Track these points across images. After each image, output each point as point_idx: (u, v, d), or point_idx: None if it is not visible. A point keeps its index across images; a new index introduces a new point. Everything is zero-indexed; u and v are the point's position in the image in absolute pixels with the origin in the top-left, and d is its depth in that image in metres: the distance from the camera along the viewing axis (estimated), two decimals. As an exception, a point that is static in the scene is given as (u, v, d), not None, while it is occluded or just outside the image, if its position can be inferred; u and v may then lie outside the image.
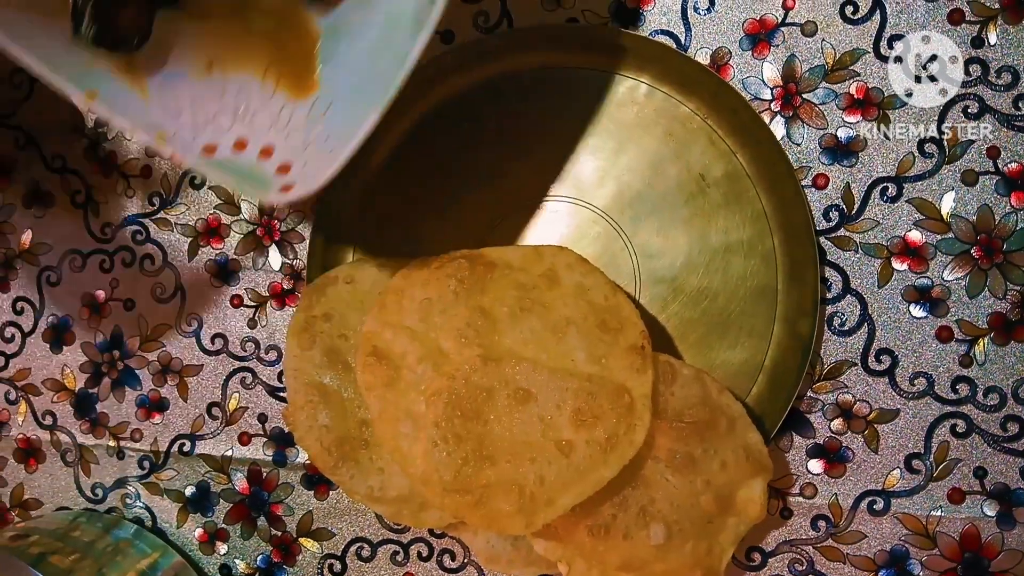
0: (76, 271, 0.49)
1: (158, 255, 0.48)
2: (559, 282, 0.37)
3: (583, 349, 0.36)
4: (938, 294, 0.39)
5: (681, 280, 0.41)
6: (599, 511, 0.35)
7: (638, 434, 0.34)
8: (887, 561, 0.39)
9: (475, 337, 0.36)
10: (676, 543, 0.35)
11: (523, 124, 0.43)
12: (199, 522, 0.47)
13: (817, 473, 0.40)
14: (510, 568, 0.39)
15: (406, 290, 0.37)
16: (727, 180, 0.40)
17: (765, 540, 0.41)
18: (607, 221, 0.42)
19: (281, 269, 0.46)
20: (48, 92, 0.50)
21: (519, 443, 0.35)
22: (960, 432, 0.39)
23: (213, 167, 0.35)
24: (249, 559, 0.47)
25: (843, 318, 0.40)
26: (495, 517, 0.35)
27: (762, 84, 0.41)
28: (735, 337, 0.40)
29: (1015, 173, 0.38)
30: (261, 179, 0.35)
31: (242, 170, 0.35)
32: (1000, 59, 0.39)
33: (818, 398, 0.40)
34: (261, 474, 0.46)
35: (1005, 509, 0.38)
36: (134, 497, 0.48)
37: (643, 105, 0.41)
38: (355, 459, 0.39)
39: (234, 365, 0.47)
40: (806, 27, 0.40)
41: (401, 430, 0.36)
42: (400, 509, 0.39)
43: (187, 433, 0.47)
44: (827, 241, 0.40)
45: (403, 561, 0.45)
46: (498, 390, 0.36)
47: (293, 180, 0.34)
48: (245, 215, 0.47)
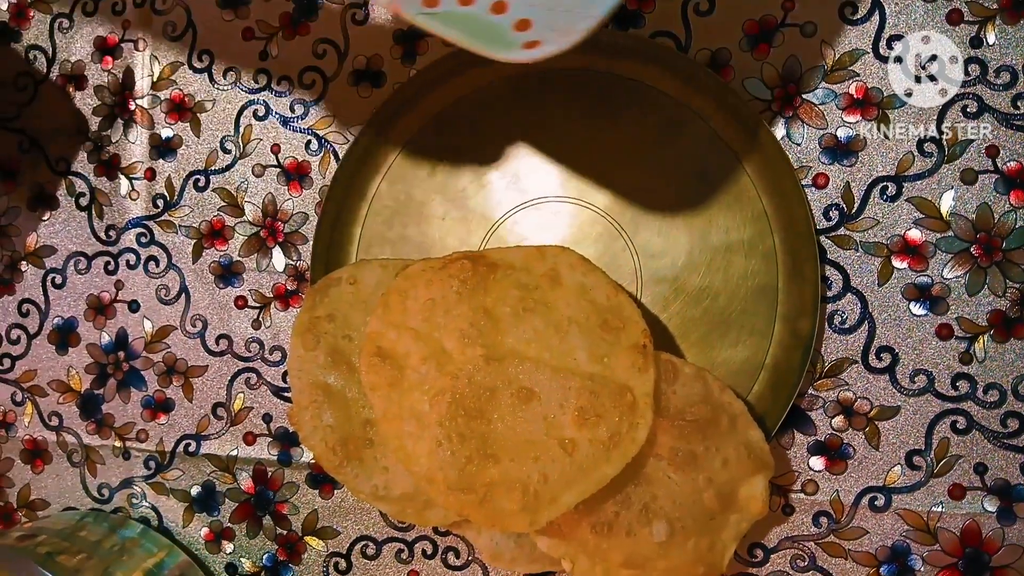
0: (81, 273, 0.50)
1: (163, 257, 0.48)
2: (561, 282, 0.37)
3: (585, 348, 0.36)
4: (938, 292, 0.39)
5: (682, 279, 0.41)
6: (602, 509, 0.36)
7: (640, 432, 0.35)
8: (888, 557, 0.40)
9: (478, 337, 0.36)
10: (678, 540, 0.35)
11: (525, 126, 0.43)
12: (205, 521, 0.48)
13: (818, 470, 0.40)
14: (514, 565, 0.39)
15: (409, 291, 0.38)
16: (728, 180, 0.41)
17: (767, 536, 0.41)
18: (608, 221, 0.42)
19: (285, 270, 0.47)
20: (52, 96, 0.50)
21: (522, 442, 0.35)
22: (960, 429, 0.39)
23: (434, 20, 0.31)
24: (255, 558, 0.47)
25: (843, 316, 0.40)
26: (499, 515, 0.35)
27: (762, 85, 0.41)
28: (736, 336, 0.40)
29: (1014, 172, 0.39)
30: (498, 34, 0.31)
31: (472, 24, 0.32)
32: (998, 59, 0.39)
33: (819, 396, 0.40)
34: (266, 473, 0.47)
35: (1006, 505, 0.39)
36: (140, 497, 0.49)
37: (643, 106, 0.42)
38: (360, 458, 0.39)
39: (239, 366, 0.47)
40: (806, 28, 0.41)
41: (405, 429, 0.36)
42: (404, 507, 0.39)
43: (192, 433, 0.48)
44: (827, 240, 0.41)
45: (408, 559, 0.45)
46: (501, 389, 0.36)
47: (537, 37, 0.31)
48: (249, 217, 0.47)
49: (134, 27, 0.48)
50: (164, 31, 0.48)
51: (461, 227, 0.43)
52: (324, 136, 0.46)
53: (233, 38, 0.47)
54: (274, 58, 0.47)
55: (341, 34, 0.46)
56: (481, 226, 0.43)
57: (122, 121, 0.49)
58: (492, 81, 0.43)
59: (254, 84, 0.47)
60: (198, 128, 0.48)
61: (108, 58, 0.49)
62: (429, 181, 0.44)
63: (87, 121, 0.50)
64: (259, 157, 0.47)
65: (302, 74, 0.46)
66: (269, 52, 0.47)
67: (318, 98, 0.46)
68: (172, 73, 0.48)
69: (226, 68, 0.47)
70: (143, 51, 0.49)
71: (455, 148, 0.44)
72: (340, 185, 0.44)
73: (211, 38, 0.48)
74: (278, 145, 0.47)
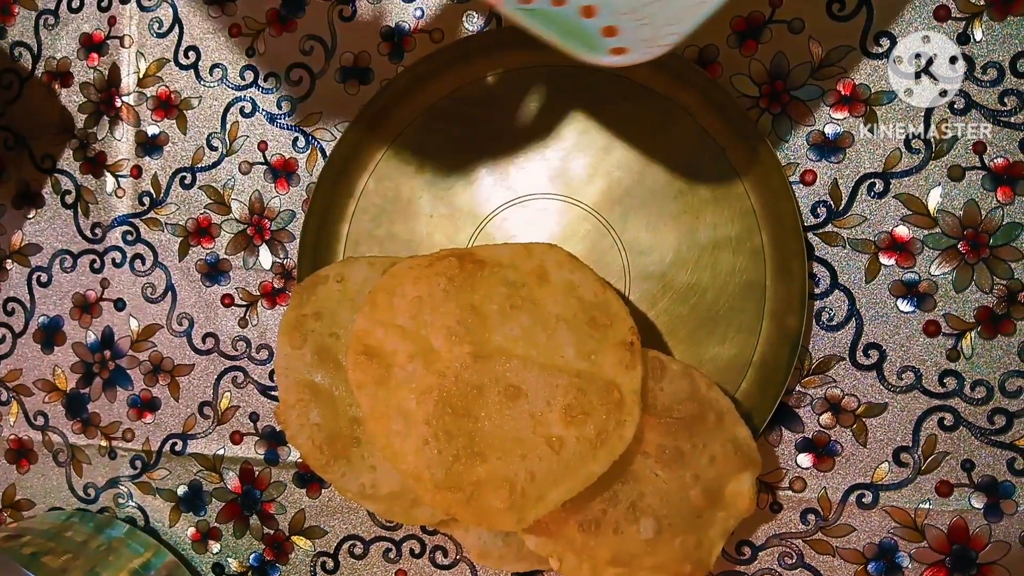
0: (67, 271, 0.49)
1: (149, 255, 0.48)
2: (548, 279, 0.37)
3: (573, 345, 0.36)
4: (925, 289, 0.39)
5: (670, 276, 0.41)
6: (589, 506, 0.36)
7: (628, 430, 0.35)
8: (876, 554, 0.40)
9: (465, 335, 0.36)
10: (666, 537, 0.35)
11: (513, 123, 0.43)
12: (191, 521, 0.47)
13: (806, 467, 0.40)
14: (502, 564, 0.39)
15: (396, 288, 0.38)
16: (715, 177, 0.41)
17: (755, 534, 0.41)
18: (596, 218, 0.42)
19: (272, 268, 0.46)
20: (37, 93, 0.50)
21: (510, 440, 0.35)
22: (948, 425, 0.39)
23: (530, 16, 0.32)
24: (242, 557, 0.47)
25: (831, 313, 0.40)
26: (486, 513, 0.35)
27: (750, 81, 0.41)
28: (724, 333, 0.40)
29: (1001, 168, 0.39)
30: (586, 38, 0.32)
31: (563, 24, 0.32)
32: (985, 55, 0.39)
33: (807, 393, 0.40)
34: (253, 473, 0.46)
35: (992, 501, 0.39)
36: (126, 497, 0.48)
37: (632, 103, 0.42)
38: (347, 457, 0.39)
39: (225, 364, 0.47)
40: (793, 24, 0.41)
41: (392, 428, 0.36)
42: (392, 506, 0.39)
43: (179, 432, 0.47)
44: (815, 237, 0.40)
45: (395, 558, 0.45)
46: (488, 387, 0.36)
47: (625, 44, 0.31)
48: (235, 214, 0.47)
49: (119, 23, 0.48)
50: (150, 27, 0.48)
51: (449, 224, 0.43)
52: (311, 133, 0.46)
53: (220, 34, 0.47)
54: (261, 55, 0.46)
55: (328, 31, 0.46)
56: (469, 223, 0.43)
57: (108, 118, 0.49)
58: (480, 78, 0.43)
59: (241, 81, 0.47)
60: (184, 125, 0.48)
61: (94, 55, 0.49)
62: (417, 178, 0.44)
63: (73, 118, 0.49)
64: (246, 154, 0.47)
65: (289, 71, 0.46)
66: (256, 49, 0.47)
67: (305, 95, 0.46)
68: (158, 70, 0.48)
69: (213, 65, 0.47)
70: (129, 48, 0.48)
71: (443, 145, 0.43)
72: (327, 182, 0.44)
73: (198, 35, 0.47)
74: (265, 142, 0.46)
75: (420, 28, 0.45)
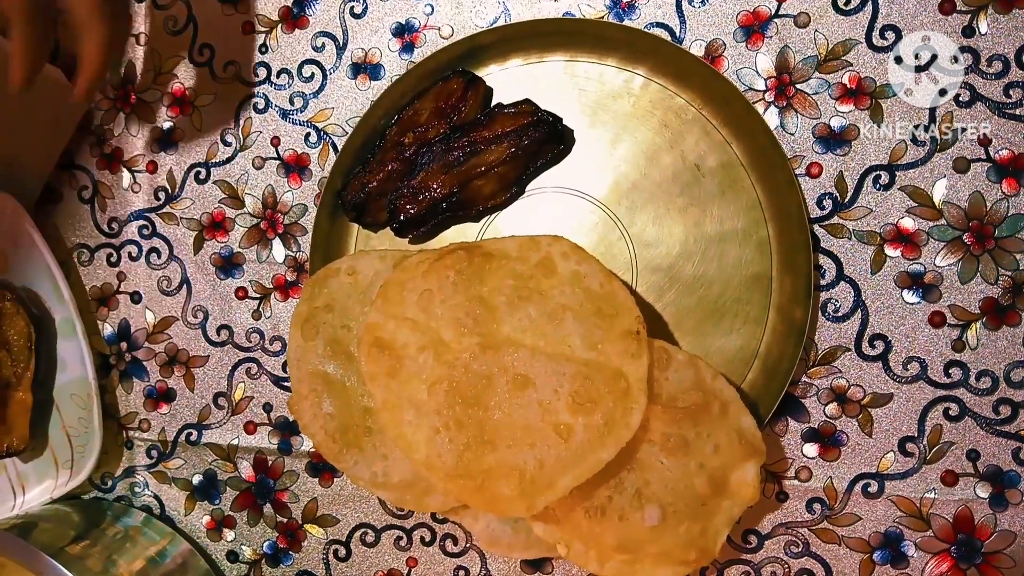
0: (84, 265, 0.50)
1: (164, 249, 0.49)
2: (555, 271, 0.37)
3: (580, 335, 0.36)
4: (931, 280, 0.40)
5: (677, 268, 0.41)
6: (596, 494, 0.36)
7: (634, 417, 0.35)
8: (881, 543, 0.40)
9: (474, 326, 0.37)
10: (671, 524, 0.36)
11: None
12: (206, 510, 0.48)
13: (812, 457, 0.41)
14: (510, 551, 0.40)
15: (407, 282, 0.38)
16: (722, 170, 0.41)
17: (761, 523, 0.41)
18: (604, 211, 0.42)
19: (284, 261, 0.47)
20: (55, 89, 0.51)
21: (519, 428, 0.36)
22: (953, 415, 0.39)
23: None
24: (255, 545, 0.48)
25: (837, 304, 0.41)
26: (497, 500, 0.36)
27: (756, 75, 0.41)
28: (730, 324, 0.41)
29: (1006, 160, 0.39)
30: None
31: None
32: (991, 48, 0.39)
33: (812, 383, 0.41)
34: (267, 462, 0.47)
35: (997, 491, 0.39)
36: (142, 486, 0.49)
37: (639, 97, 0.42)
38: (359, 446, 0.40)
39: (239, 356, 0.48)
40: (799, 18, 0.41)
41: (404, 418, 0.37)
42: (403, 494, 0.40)
43: (194, 423, 0.48)
44: (821, 229, 0.41)
45: (406, 546, 0.45)
46: (497, 377, 0.36)
47: None
48: (249, 209, 0.48)
49: None
50: (165, 26, 0.49)
51: (458, 218, 0.44)
52: (323, 128, 0.47)
53: (233, 32, 0.48)
54: (274, 51, 0.47)
55: (340, 27, 0.46)
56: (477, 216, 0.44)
57: (124, 115, 0.50)
58: (487, 72, 0.43)
59: (254, 77, 0.48)
60: (199, 121, 0.48)
61: (110, 52, 0.50)
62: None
63: (90, 115, 0.50)
64: (259, 149, 0.47)
65: (301, 67, 0.47)
66: (269, 46, 0.47)
67: (317, 91, 0.47)
68: (174, 67, 0.49)
69: (226, 62, 0.48)
70: (144, 45, 0.49)
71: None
72: (339, 177, 0.44)
73: (211, 32, 0.48)
74: (278, 137, 0.47)
75: (430, 24, 0.45)
